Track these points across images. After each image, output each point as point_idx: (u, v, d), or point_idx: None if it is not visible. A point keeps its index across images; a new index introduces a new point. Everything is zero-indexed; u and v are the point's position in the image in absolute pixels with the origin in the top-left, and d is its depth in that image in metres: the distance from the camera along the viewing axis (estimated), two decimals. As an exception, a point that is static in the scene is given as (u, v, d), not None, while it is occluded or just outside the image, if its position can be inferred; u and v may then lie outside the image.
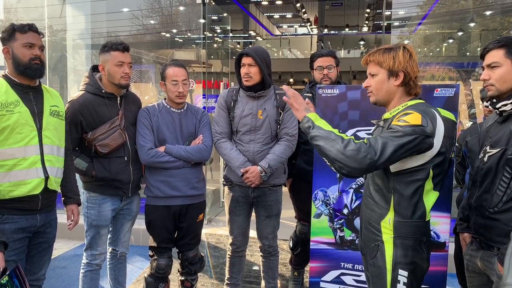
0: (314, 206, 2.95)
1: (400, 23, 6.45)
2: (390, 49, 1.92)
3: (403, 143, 1.71)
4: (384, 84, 1.93)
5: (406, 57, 1.89)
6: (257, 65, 2.83)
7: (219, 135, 2.95)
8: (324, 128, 1.83)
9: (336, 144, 1.75)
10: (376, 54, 1.94)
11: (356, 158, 1.70)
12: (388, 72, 1.91)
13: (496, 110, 1.93)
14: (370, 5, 18.13)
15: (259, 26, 21.35)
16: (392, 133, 1.74)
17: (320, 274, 2.97)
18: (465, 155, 2.78)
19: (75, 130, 2.66)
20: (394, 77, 1.90)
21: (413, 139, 1.72)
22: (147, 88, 6.67)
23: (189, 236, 2.96)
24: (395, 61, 1.88)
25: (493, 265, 1.89)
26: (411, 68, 1.89)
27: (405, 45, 1.93)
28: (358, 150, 1.71)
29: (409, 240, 1.86)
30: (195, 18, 6.34)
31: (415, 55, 1.92)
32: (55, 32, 6.37)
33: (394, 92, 1.93)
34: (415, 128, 1.72)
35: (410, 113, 1.77)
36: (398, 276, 1.85)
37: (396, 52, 1.90)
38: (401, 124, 1.74)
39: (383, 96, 1.95)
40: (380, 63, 1.92)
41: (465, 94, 5.67)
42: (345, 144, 1.73)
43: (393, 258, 1.86)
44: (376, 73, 1.94)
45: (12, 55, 2.24)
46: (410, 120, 1.74)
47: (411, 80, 1.90)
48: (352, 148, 1.72)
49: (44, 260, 2.46)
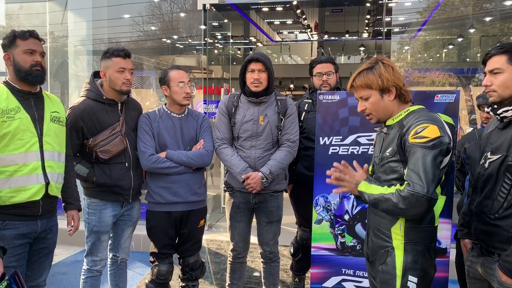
0: (315, 212, 2.95)
1: (400, 29, 6.48)
2: (371, 68, 1.93)
3: (435, 160, 1.73)
4: (380, 104, 1.95)
5: (390, 71, 1.91)
6: (267, 71, 2.84)
7: (220, 141, 2.95)
8: (374, 193, 1.85)
9: (390, 202, 1.78)
10: (361, 77, 1.95)
11: (413, 204, 1.72)
12: (380, 91, 1.93)
13: (497, 116, 1.93)
14: (370, 11, 18.15)
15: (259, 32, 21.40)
16: (420, 157, 1.74)
17: (321, 280, 2.96)
18: (464, 162, 2.79)
19: (76, 136, 2.67)
20: (387, 94, 1.93)
21: (439, 152, 1.75)
22: (148, 94, 6.68)
23: (190, 242, 2.95)
24: (382, 79, 1.90)
25: (494, 272, 1.88)
26: (398, 80, 1.92)
27: (382, 60, 1.95)
28: (409, 197, 1.72)
29: (419, 246, 1.88)
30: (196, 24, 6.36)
31: (395, 66, 1.95)
32: (56, 38, 6.40)
33: (391, 106, 1.95)
34: (437, 140, 1.74)
35: (426, 127, 1.77)
36: (408, 282, 1.86)
37: (379, 70, 1.91)
38: (423, 141, 1.75)
39: (383, 113, 1.98)
40: (368, 86, 1.93)
41: (465, 100, 5.68)
42: (397, 199, 1.75)
43: (403, 264, 1.87)
44: (367, 96, 1.96)
45: (13, 62, 2.25)
46: (430, 134, 1.75)
47: (402, 90, 1.93)
48: (404, 197, 1.73)
49: (45, 266, 2.46)
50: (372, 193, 1.85)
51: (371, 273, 2.12)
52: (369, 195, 1.86)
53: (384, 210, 1.83)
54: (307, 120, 3.21)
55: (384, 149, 1.96)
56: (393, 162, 1.89)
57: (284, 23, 21.89)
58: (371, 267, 2.09)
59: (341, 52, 20.70)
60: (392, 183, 1.88)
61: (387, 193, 1.79)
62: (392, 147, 1.89)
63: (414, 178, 1.73)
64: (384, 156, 1.94)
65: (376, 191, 1.84)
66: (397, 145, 1.87)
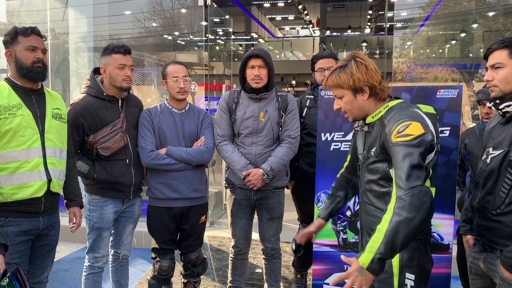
0: (317, 209, 2.94)
1: (402, 25, 6.45)
2: (344, 66, 1.89)
3: (420, 157, 1.67)
4: (353, 103, 1.91)
5: (363, 70, 1.85)
6: (267, 67, 2.83)
7: (220, 138, 2.94)
8: (379, 239, 1.58)
9: (401, 224, 1.56)
10: (333, 77, 1.91)
11: (419, 203, 1.58)
12: (352, 90, 1.88)
13: (499, 111, 1.92)
14: (372, 7, 18.11)
15: (261, 28, 21.36)
16: (404, 156, 1.67)
17: (323, 277, 2.96)
18: (464, 158, 2.77)
19: (77, 132, 2.67)
20: (360, 93, 1.88)
21: (424, 149, 1.69)
22: (149, 91, 6.67)
23: (191, 238, 2.96)
24: (354, 79, 1.85)
25: (496, 267, 1.88)
26: (372, 78, 1.86)
27: (355, 57, 1.89)
28: (411, 200, 1.58)
29: (414, 242, 1.84)
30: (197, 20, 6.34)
31: (370, 64, 1.87)
32: (57, 35, 6.39)
33: (366, 105, 1.91)
34: (422, 138, 1.69)
35: (408, 124, 1.72)
36: (405, 279, 1.84)
37: (351, 69, 1.86)
38: (406, 140, 1.69)
39: (358, 112, 1.94)
40: (340, 86, 1.89)
41: (468, 96, 5.65)
42: (402, 213, 1.57)
43: (400, 262, 1.85)
44: (341, 95, 1.92)
45: (15, 58, 2.25)
46: (413, 132, 1.70)
47: (376, 88, 1.87)
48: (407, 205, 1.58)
49: (47, 262, 2.46)
50: (377, 242, 1.58)
51: None
52: (380, 249, 1.57)
53: (405, 237, 1.56)
54: (309, 116, 3.20)
55: (369, 148, 1.92)
56: (378, 163, 1.86)
57: (286, 19, 21.85)
58: None
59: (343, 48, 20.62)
60: (379, 183, 1.87)
61: (389, 223, 1.59)
62: (375, 147, 1.86)
63: (405, 184, 1.63)
64: (369, 155, 1.90)
65: (379, 236, 1.59)
66: (379, 145, 1.83)
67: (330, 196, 2.32)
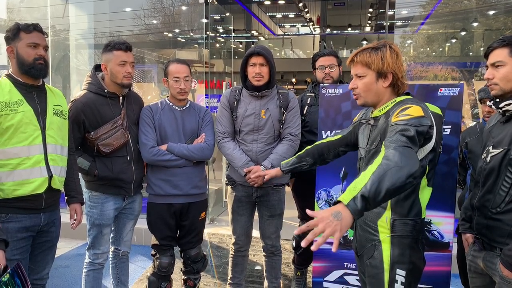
0: (317, 206, 2.95)
1: (403, 23, 6.44)
2: (377, 48, 1.89)
3: (415, 132, 1.65)
4: (372, 86, 1.90)
5: (394, 58, 1.86)
6: (268, 65, 2.83)
7: (222, 135, 2.95)
8: (366, 180, 1.45)
9: (390, 169, 1.46)
10: (364, 54, 1.90)
11: (409, 160, 1.51)
12: (377, 73, 1.88)
13: (499, 109, 1.93)
14: (372, 5, 18.09)
15: (261, 25, 21.33)
16: (400, 130, 1.65)
17: (323, 274, 2.97)
18: (465, 156, 2.78)
19: (78, 129, 2.67)
20: (382, 79, 1.88)
21: (421, 130, 1.68)
22: (149, 88, 6.67)
23: (191, 234, 2.96)
24: (383, 62, 1.85)
25: (495, 266, 1.88)
26: (399, 69, 1.87)
27: (391, 44, 1.90)
28: (400, 153, 1.51)
29: (406, 239, 1.86)
30: (198, 17, 6.33)
31: (400, 55, 1.90)
32: (58, 31, 6.39)
33: (383, 93, 1.91)
34: (420, 119, 1.70)
35: (409, 107, 1.74)
36: (396, 275, 1.84)
37: (384, 53, 1.86)
38: (405, 119, 1.69)
39: (372, 98, 1.93)
40: (368, 64, 1.89)
41: (468, 94, 5.65)
42: (395, 162, 1.47)
43: (391, 258, 1.86)
44: (363, 75, 1.91)
45: (16, 55, 2.25)
46: (413, 113, 1.71)
47: (398, 80, 1.88)
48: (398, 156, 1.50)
49: (48, 259, 2.47)
50: (361, 184, 1.44)
51: (360, 267, 2.11)
52: (364, 186, 1.43)
53: (391, 185, 1.43)
54: (310, 114, 3.20)
55: (372, 142, 1.93)
56: (377, 153, 1.80)
57: (286, 16, 21.82)
58: (360, 262, 2.08)
59: (343, 46, 20.63)
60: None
61: (376, 167, 1.48)
62: (378, 139, 1.87)
63: (394, 141, 1.60)
64: (371, 148, 1.91)
65: (363, 179, 1.46)
66: (380, 136, 1.83)
67: (299, 156, 2.46)
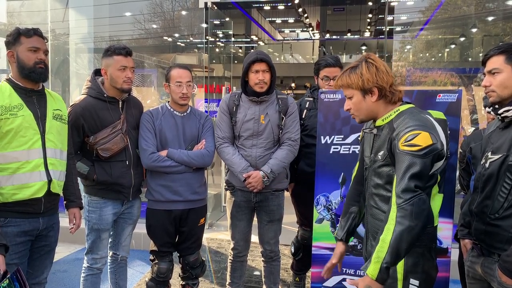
0: (316, 211, 2.95)
1: (402, 28, 6.46)
2: (355, 67, 1.90)
3: (423, 167, 1.69)
4: (362, 104, 1.91)
5: (373, 71, 1.85)
6: (270, 71, 2.83)
7: (221, 140, 2.95)
8: (385, 249, 1.66)
9: (404, 232, 1.65)
10: (343, 77, 1.92)
11: (419, 211, 1.65)
12: (361, 91, 1.89)
13: (498, 116, 1.94)
14: (372, 10, 18.16)
15: (261, 30, 21.39)
16: (408, 166, 1.69)
17: (322, 280, 2.95)
18: (469, 162, 2.78)
19: (77, 133, 2.67)
20: (369, 94, 1.88)
21: (431, 160, 1.71)
22: (149, 92, 6.67)
23: (190, 240, 2.96)
24: (363, 79, 1.86)
25: (494, 272, 1.88)
26: (382, 80, 1.85)
27: (367, 58, 1.90)
28: (411, 208, 1.65)
29: (419, 248, 1.84)
30: (198, 22, 6.34)
31: (381, 65, 1.88)
32: (57, 36, 6.40)
33: (375, 107, 1.91)
34: (429, 148, 1.70)
35: (417, 134, 1.72)
36: (409, 285, 1.83)
37: (361, 70, 1.87)
38: (414, 150, 1.70)
39: (366, 114, 1.94)
40: (349, 85, 1.90)
41: (467, 100, 5.66)
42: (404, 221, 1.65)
43: (404, 267, 1.84)
44: (351, 95, 1.93)
45: (16, 59, 2.26)
46: (422, 142, 1.70)
47: (386, 91, 1.87)
48: (407, 213, 1.65)
49: (46, 263, 2.46)
50: (383, 252, 1.66)
51: None
52: (386, 258, 1.65)
53: (408, 245, 1.66)
54: (308, 118, 3.21)
55: (376, 151, 1.92)
56: (385, 167, 1.85)
57: (286, 21, 21.89)
58: None
59: (342, 51, 20.67)
60: (385, 187, 1.87)
61: (392, 232, 1.66)
62: (383, 151, 1.86)
63: (403, 188, 1.68)
64: (376, 159, 1.90)
65: (383, 246, 1.67)
66: (387, 149, 1.83)
67: (344, 214, 2.24)
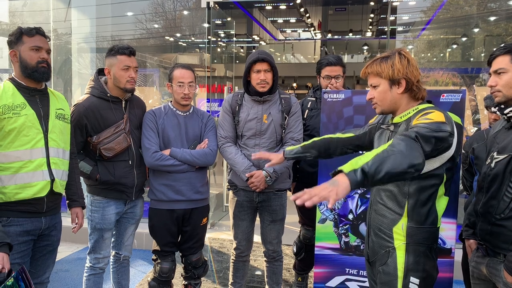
0: (319, 211, 2.94)
1: (404, 28, 6.45)
2: (387, 57, 1.91)
3: (431, 134, 1.67)
4: (387, 94, 1.92)
5: (404, 63, 1.87)
6: (272, 70, 2.83)
7: (224, 139, 2.94)
8: (367, 158, 1.55)
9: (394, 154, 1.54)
10: (374, 64, 1.93)
11: (412, 151, 1.57)
12: (389, 81, 1.89)
13: (504, 116, 1.93)
14: (374, 10, 18.13)
15: (262, 30, 21.37)
16: (418, 128, 1.68)
17: (325, 280, 2.96)
18: (472, 162, 2.77)
19: (80, 133, 2.67)
20: (396, 86, 1.89)
21: (440, 136, 1.69)
22: (151, 92, 6.68)
23: (192, 240, 2.95)
24: (394, 69, 1.87)
25: (499, 272, 1.88)
26: (412, 74, 1.87)
27: (400, 51, 1.91)
28: (406, 144, 1.59)
29: (421, 247, 1.85)
30: (199, 22, 6.35)
31: (412, 60, 1.90)
32: (60, 35, 6.40)
33: (399, 100, 1.92)
34: (440, 124, 1.70)
35: (431, 112, 1.76)
36: (409, 283, 1.84)
37: (393, 60, 1.88)
38: (425, 122, 1.71)
39: (389, 105, 1.94)
40: (379, 74, 1.91)
41: (469, 100, 5.65)
42: (400, 149, 1.56)
43: (405, 265, 1.85)
44: (377, 84, 1.93)
45: (19, 58, 2.26)
46: (434, 118, 1.72)
47: (413, 85, 1.88)
48: (404, 145, 1.58)
49: (48, 263, 2.46)
50: (363, 160, 1.53)
51: (371, 275, 2.10)
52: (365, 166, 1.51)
53: (391, 167, 1.51)
54: (310, 118, 3.20)
55: None
56: None
57: (288, 21, 21.86)
58: (371, 268, 2.06)
59: (344, 51, 20.65)
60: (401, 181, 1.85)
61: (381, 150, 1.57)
62: None
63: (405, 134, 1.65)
64: None
65: (367, 156, 1.56)
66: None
67: (304, 146, 2.39)
